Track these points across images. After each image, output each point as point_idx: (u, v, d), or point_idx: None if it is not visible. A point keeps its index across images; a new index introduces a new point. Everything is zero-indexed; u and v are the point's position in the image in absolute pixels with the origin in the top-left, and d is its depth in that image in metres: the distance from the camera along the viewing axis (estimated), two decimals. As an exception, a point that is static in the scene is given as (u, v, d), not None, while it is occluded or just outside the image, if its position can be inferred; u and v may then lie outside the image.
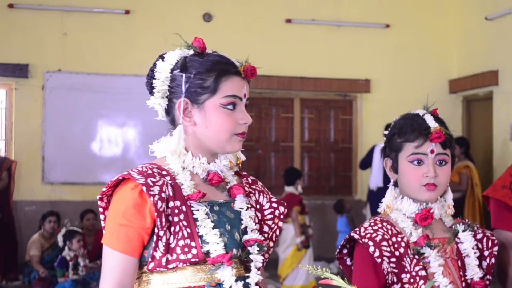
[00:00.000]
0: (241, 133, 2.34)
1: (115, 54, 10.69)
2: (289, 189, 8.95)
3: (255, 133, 11.35)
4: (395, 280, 2.44)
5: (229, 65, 2.33)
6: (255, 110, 11.31)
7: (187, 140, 2.33)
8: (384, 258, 2.44)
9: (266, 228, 2.41)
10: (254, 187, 2.47)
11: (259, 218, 2.40)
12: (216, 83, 2.28)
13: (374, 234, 2.47)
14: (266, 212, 2.44)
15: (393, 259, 2.44)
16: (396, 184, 2.64)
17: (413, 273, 2.44)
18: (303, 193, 9.26)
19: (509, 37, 10.39)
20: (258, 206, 2.43)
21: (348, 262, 2.67)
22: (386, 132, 2.67)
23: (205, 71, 2.28)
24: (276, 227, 2.45)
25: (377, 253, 2.43)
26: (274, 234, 2.45)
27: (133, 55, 10.42)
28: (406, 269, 2.44)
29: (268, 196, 2.48)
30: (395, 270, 2.44)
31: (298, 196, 8.90)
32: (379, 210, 2.64)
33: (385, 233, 2.49)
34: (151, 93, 2.35)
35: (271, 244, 2.43)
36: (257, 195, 2.45)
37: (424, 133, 2.53)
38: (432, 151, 2.53)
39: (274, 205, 2.46)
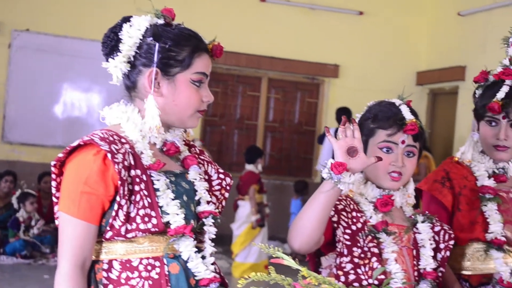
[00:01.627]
0: (202, 110, 2.34)
1: (85, 18, 10.56)
2: (249, 167, 8.97)
3: (220, 109, 11.33)
4: (345, 252, 2.43)
5: (200, 41, 2.32)
6: (222, 86, 11.29)
7: (143, 109, 2.30)
8: (340, 226, 2.45)
9: (213, 199, 2.41)
10: (202, 157, 2.47)
11: (207, 189, 2.40)
12: (191, 58, 2.27)
13: (337, 202, 2.47)
14: (214, 183, 2.44)
15: (348, 231, 2.46)
16: None
17: (365, 249, 2.45)
18: (263, 172, 9.29)
19: (479, 34, 10.48)
20: (206, 177, 2.42)
21: None
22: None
23: (179, 43, 2.27)
24: (222, 198, 2.46)
25: (335, 218, 2.44)
26: (221, 205, 2.46)
27: (103, 21, 10.24)
28: (359, 244, 2.45)
29: (215, 167, 2.48)
30: (348, 242, 2.44)
31: (257, 174, 8.92)
32: None
33: (347, 206, 2.51)
34: (109, 54, 2.30)
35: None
36: (205, 166, 2.45)
37: (399, 123, 2.55)
38: (403, 142, 2.55)
39: (221, 176, 2.47)
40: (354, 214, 2.51)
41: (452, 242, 2.66)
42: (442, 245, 2.65)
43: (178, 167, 2.37)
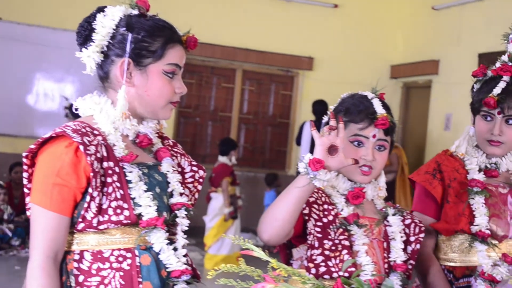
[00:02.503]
0: (175, 102, 2.33)
1: (58, 8, 10.48)
2: (222, 159, 8.96)
3: (194, 101, 11.31)
4: (316, 244, 2.45)
5: (174, 32, 2.32)
6: (196, 78, 11.26)
7: (116, 100, 2.30)
8: (311, 219, 2.46)
9: (186, 191, 2.42)
10: (175, 149, 2.48)
11: (180, 181, 2.40)
12: (163, 49, 2.27)
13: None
14: (187, 175, 2.45)
15: (319, 223, 2.47)
16: None
17: (336, 241, 2.46)
18: (237, 164, 9.29)
19: (453, 28, 10.54)
20: (179, 169, 2.43)
21: None
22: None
23: (152, 34, 2.27)
24: (195, 190, 2.47)
25: (306, 211, 2.46)
26: (194, 197, 2.47)
27: (77, 11, 10.17)
28: (329, 236, 2.47)
29: (188, 159, 2.49)
30: (319, 235, 2.46)
31: (230, 167, 8.92)
32: None
33: (319, 198, 2.52)
34: (83, 44, 2.30)
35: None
36: (178, 158, 2.46)
37: (371, 117, 2.56)
38: (374, 136, 2.56)
39: (195, 168, 2.48)
40: (325, 206, 2.52)
41: (422, 235, 2.68)
42: (412, 238, 2.67)
43: (151, 159, 2.38)
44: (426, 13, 11.29)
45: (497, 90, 2.85)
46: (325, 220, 2.49)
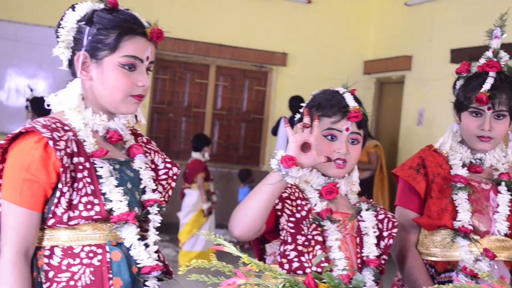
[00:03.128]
0: (137, 95, 2.31)
1: (30, 3, 10.40)
2: (195, 155, 8.95)
3: (167, 97, 11.27)
4: (289, 240, 2.45)
5: (135, 24, 2.29)
6: (170, 74, 11.22)
7: (86, 96, 2.30)
8: (284, 214, 2.46)
9: (160, 188, 2.41)
10: (149, 146, 2.47)
11: (154, 178, 2.39)
12: (117, 41, 2.25)
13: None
14: (160, 172, 2.44)
15: (292, 219, 2.47)
16: None
17: (309, 237, 2.47)
18: (211, 160, 9.28)
19: (425, 24, 10.59)
20: (153, 166, 2.42)
21: None
22: (299, 104, 2.68)
23: (109, 27, 2.25)
24: (169, 187, 2.46)
25: (279, 206, 2.46)
26: (167, 194, 2.46)
27: (49, 5, 10.14)
28: (303, 232, 2.47)
29: (162, 156, 2.48)
30: (292, 230, 2.46)
31: (204, 163, 8.90)
32: None
33: (292, 194, 2.52)
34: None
35: (164, 204, 2.43)
36: (152, 155, 2.45)
37: (343, 110, 2.57)
38: (347, 129, 2.57)
39: (168, 165, 2.47)
40: (298, 202, 2.52)
41: (395, 230, 2.69)
42: (385, 233, 2.67)
43: (123, 155, 2.37)
44: (399, 9, 11.34)
45: (486, 86, 2.86)
46: (298, 215, 2.49)
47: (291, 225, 2.47)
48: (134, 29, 2.28)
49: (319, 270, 2.39)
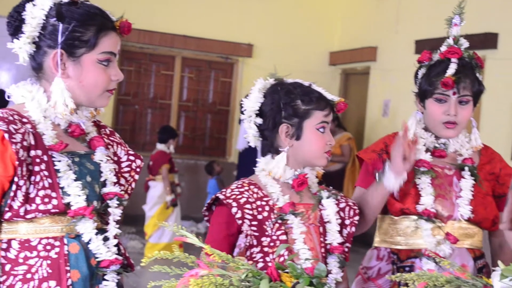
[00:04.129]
0: (111, 89, 2.30)
1: (-7, -6, 10.27)
2: (160, 146, 8.93)
3: (133, 88, 11.21)
4: (255, 243, 2.48)
5: (107, 19, 2.27)
6: (135, 65, 11.16)
7: (49, 90, 2.26)
8: (246, 220, 2.48)
9: (122, 181, 2.40)
10: (112, 138, 2.45)
11: (116, 170, 2.37)
12: (96, 38, 2.23)
13: (239, 196, 2.50)
14: (123, 165, 2.42)
15: (255, 222, 2.49)
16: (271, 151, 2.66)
17: (274, 237, 2.49)
18: (177, 152, 9.25)
19: (390, 15, 10.64)
20: (115, 158, 2.40)
21: None
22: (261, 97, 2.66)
23: (84, 23, 2.22)
24: (132, 179, 2.45)
25: (239, 215, 2.47)
26: (130, 187, 2.44)
27: (12, -4, 10.03)
28: (267, 233, 2.49)
29: (125, 148, 2.46)
30: (256, 233, 2.48)
31: (168, 154, 8.87)
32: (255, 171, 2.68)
33: (250, 196, 2.53)
34: (14, 34, 2.25)
35: (126, 196, 2.42)
36: (115, 147, 2.43)
37: (331, 103, 2.63)
38: (331, 121, 2.66)
39: (131, 157, 2.45)
40: (258, 203, 2.53)
41: (357, 218, 2.72)
42: (347, 221, 2.70)
43: (84, 148, 2.34)
44: (364, 0, 11.38)
45: (451, 71, 2.89)
46: (260, 217, 2.51)
47: (254, 228, 2.49)
48: (107, 24, 2.26)
49: (281, 259, 2.41)
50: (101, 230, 2.27)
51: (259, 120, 2.62)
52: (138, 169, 2.46)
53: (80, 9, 2.24)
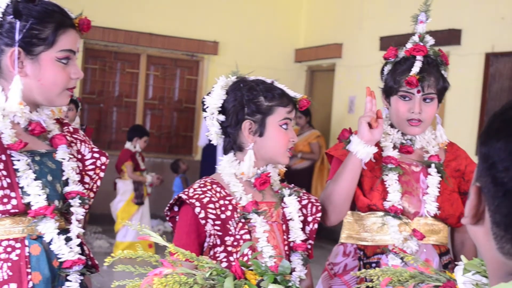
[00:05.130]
0: (71, 88, 2.28)
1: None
2: (127, 144, 8.94)
3: (98, 87, 11.13)
4: (218, 242, 2.47)
5: (65, 17, 2.25)
6: (100, 63, 11.08)
7: (8, 89, 2.23)
8: (209, 220, 2.47)
9: (87, 179, 2.37)
10: (75, 136, 2.42)
11: (80, 168, 2.35)
12: (54, 36, 2.20)
13: (202, 196, 2.49)
14: (87, 162, 2.40)
15: (218, 222, 2.48)
16: (233, 148, 2.65)
17: (237, 236, 2.48)
18: (143, 150, 9.20)
19: (355, 12, 10.69)
20: (79, 156, 2.38)
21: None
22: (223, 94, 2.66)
23: (42, 20, 2.19)
24: (97, 177, 2.43)
25: (202, 215, 2.46)
26: (95, 185, 2.42)
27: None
28: (230, 232, 2.49)
29: (89, 145, 2.43)
30: (219, 233, 2.47)
31: (131, 152, 8.84)
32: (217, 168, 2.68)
33: (213, 195, 2.52)
34: None
35: (92, 194, 2.39)
36: (78, 145, 2.40)
37: (294, 99, 2.63)
38: (294, 118, 2.65)
39: (96, 155, 2.43)
40: (221, 202, 2.53)
41: (319, 214, 2.72)
42: (310, 218, 2.71)
43: (45, 146, 2.31)
44: (329, -3, 11.44)
45: (415, 69, 2.91)
46: (223, 216, 2.50)
47: (217, 228, 2.48)
48: (66, 21, 2.24)
49: (245, 258, 2.41)
50: (64, 230, 2.25)
51: (222, 117, 2.61)
52: (103, 167, 2.44)
53: (38, 6, 2.21)
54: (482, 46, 8.27)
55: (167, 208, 2.62)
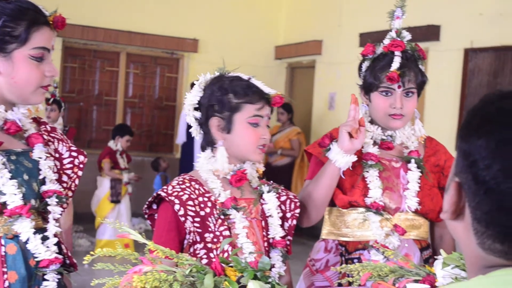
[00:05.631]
0: (45, 86, 2.26)
1: None
2: (110, 143, 8.96)
3: (77, 85, 11.08)
4: (198, 239, 2.47)
5: (39, 14, 2.23)
6: (79, 62, 11.03)
7: None
8: (188, 217, 2.46)
9: (65, 178, 2.36)
10: (53, 135, 2.40)
11: (58, 167, 2.34)
12: (27, 33, 2.19)
13: (181, 193, 2.48)
14: (65, 161, 2.38)
15: (198, 219, 2.48)
16: (209, 144, 2.66)
17: (217, 233, 2.48)
18: (126, 149, 9.18)
19: (334, 9, 10.71)
20: (57, 155, 2.36)
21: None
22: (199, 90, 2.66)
23: (15, 18, 2.18)
24: (75, 176, 2.41)
25: (181, 212, 2.45)
26: (73, 184, 2.41)
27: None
28: (210, 229, 2.48)
29: (67, 144, 2.42)
30: (199, 230, 2.47)
31: (111, 150, 8.83)
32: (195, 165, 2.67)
33: (192, 192, 2.51)
34: None
35: (70, 193, 2.38)
36: (56, 144, 2.39)
37: (266, 96, 2.59)
38: (267, 115, 2.62)
39: (74, 153, 2.41)
40: (200, 199, 2.52)
41: (298, 210, 2.72)
42: (288, 214, 2.71)
43: (22, 145, 2.30)
44: (308, -6, 11.45)
45: (395, 65, 2.92)
46: (202, 213, 2.50)
47: (197, 225, 2.48)
48: (39, 18, 2.22)
49: (226, 255, 2.41)
50: (41, 229, 2.23)
51: (198, 114, 2.62)
52: (81, 165, 2.43)
53: (12, 4, 2.20)
54: (461, 42, 8.31)
55: (145, 206, 2.62)
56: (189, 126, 2.66)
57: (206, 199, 2.52)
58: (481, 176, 1.15)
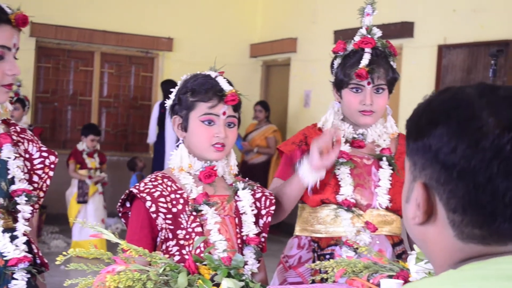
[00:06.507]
0: (8, 85, 2.24)
1: None
2: (79, 143, 8.87)
3: (51, 85, 11.00)
4: (170, 236, 2.47)
5: (0, 12, 2.21)
6: (53, 62, 10.95)
7: None
8: (160, 214, 2.46)
9: (36, 178, 2.35)
10: (23, 135, 2.39)
11: (28, 167, 2.32)
12: None
13: (153, 190, 2.49)
14: (35, 161, 2.37)
15: (170, 216, 2.48)
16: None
17: (189, 230, 2.48)
18: (99, 148, 9.13)
19: (308, 6, 10.73)
20: (27, 156, 2.35)
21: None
22: (170, 89, 2.69)
23: None
24: (46, 176, 2.40)
25: (153, 209, 2.45)
26: (45, 184, 2.40)
27: None
28: (182, 226, 2.49)
29: (37, 145, 2.41)
30: (171, 227, 2.47)
31: (76, 149, 8.77)
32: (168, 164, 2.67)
33: (164, 189, 2.52)
34: None
35: (41, 194, 2.37)
36: (26, 144, 2.37)
37: (219, 94, 2.58)
38: (224, 113, 2.59)
39: (44, 154, 2.40)
40: (172, 196, 2.53)
41: (273, 207, 2.73)
42: (263, 211, 2.71)
43: None
44: (283, -9, 11.46)
45: (364, 62, 2.93)
46: (174, 210, 2.50)
47: (169, 222, 2.48)
48: (0, 16, 2.20)
49: (198, 251, 2.41)
50: (10, 229, 2.22)
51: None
52: (52, 166, 2.42)
53: None
54: (435, 38, 8.35)
55: (119, 204, 2.61)
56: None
57: (178, 196, 2.53)
58: (449, 161, 1.16)
